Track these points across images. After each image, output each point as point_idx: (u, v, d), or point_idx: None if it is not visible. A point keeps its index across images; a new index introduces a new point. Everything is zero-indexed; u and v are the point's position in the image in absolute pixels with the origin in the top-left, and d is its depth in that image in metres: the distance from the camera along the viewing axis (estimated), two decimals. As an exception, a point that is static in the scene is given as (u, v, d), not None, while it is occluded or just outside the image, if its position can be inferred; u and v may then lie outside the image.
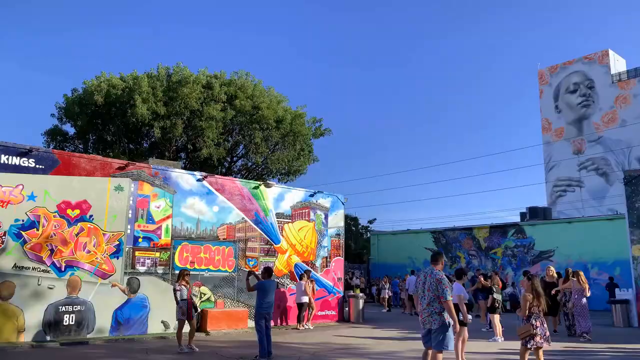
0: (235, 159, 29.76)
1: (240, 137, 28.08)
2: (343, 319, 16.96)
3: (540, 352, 7.68)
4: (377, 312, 21.56)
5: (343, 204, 18.24)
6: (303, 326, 14.66)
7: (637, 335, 13.66)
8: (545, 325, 7.78)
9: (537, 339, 7.59)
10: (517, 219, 33.16)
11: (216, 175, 15.76)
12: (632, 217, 16.59)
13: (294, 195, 16.75)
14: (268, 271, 9.93)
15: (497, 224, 28.44)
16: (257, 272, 11.23)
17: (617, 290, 17.10)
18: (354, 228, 47.55)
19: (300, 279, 15.18)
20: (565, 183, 65.92)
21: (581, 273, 13.58)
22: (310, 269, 16.10)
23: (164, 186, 13.68)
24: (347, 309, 17.28)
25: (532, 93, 74.71)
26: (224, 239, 14.61)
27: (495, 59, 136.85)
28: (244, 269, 14.73)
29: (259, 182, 16.25)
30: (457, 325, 6.99)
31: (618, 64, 66.84)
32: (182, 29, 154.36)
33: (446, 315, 6.79)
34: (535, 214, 32.25)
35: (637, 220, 16.42)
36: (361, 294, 17.72)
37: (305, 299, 14.73)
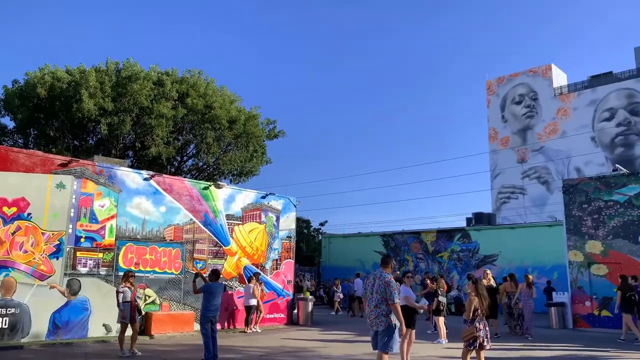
0: (185, 158, 29.16)
1: (191, 137, 27.55)
2: (292, 321, 16.90)
3: (482, 354, 7.92)
4: (327, 314, 21.64)
5: (295, 206, 18.21)
6: (251, 329, 14.51)
7: (571, 336, 14.34)
8: (487, 328, 8.03)
9: (480, 340, 7.81)
10: (464, 224, 34.21)
11: (164, 175, 15.36)
12: (569, 224, 17.44)
13: (245, 196, 16.57)
14: (216, 273, 9.76)
15: (444, 228, 29.18)
16: (204, 274, 11.01)
17: (554, 293, 17.88)
18: (305, 231, 47.60)
19: (249, 281, 15.02)
20: (510, 190, 68.57)
21: (530, 277, 14.65)
22: (259, 271, 15.95)
23: (109, 185, 13.21)
24: (296, 311, 17.23)
25: (481, 102, 77.29)
26: (171, 240, 14.26)
27: (447, 68, 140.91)
28: (191, 271, 14.43)
29: (209, 183, 15.96)
30: (404, 327, 7.08)
31: (560, 78, 70.26)
32: (135, 24, 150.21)
33: (393, 317, 6.87)
34: (480, 219, 33.35)
35: (574, 227, 17.27)
36: (310, 297, 17.72)
37: (253, 302, 14.58)
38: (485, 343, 7.85)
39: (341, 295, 22.35)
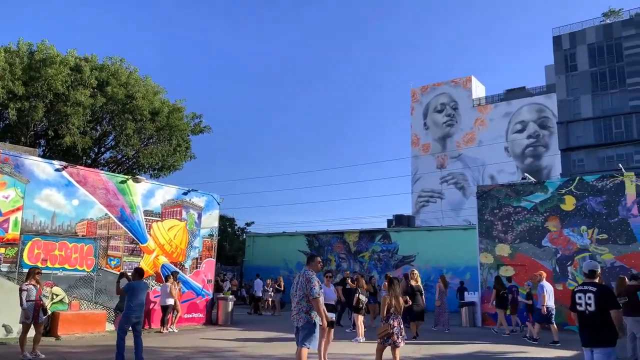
0: (103, 150, 27.74)
1: (110, 127, 26.25)
2: (211, 321, 16.54)
3: (397, 352, 8.16)
4: (248, 314, 21.40)
5: (219, 204, 17.83)
6: (167, 329, 14.02)
7: (480, 333, 15.16)
8: (402, 326, 8.32)
9: (394, 338, 8.06)
10: (386, 225, 35.25)
11: (78, 166, 14.47)
12: (482, 227, 18.45)
13: (166, 192, 15.99)
14: (139, 272, 9.30)
15: (366, 229, 29.87)
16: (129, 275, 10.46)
17: (466, 293, 18.84)
18: (230, 229, 46.85)
19: (166, 280, 14.49)
20: (429, 194, 71.54)
21: (445, 277, 15.76)
22: (178, 270, 15.45)
23: (15, 174, 12.23)
24: (215, 311, 16.89)
25: (405, 109, 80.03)
26: (83, 235, 13.45)
27: (376, 74, 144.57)
28: (105, 268, 13.71)
29: (126, 177, 15.22)
30: (325, 322, 7.19)
31: (479, 89, 74.30)
32: (56, 5, 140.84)
33: (313, 314, 6.96)
34: (400, 221, 34.51)
35: (486, 230, 18.30)
36: (231, 296, 17.44)
37: (170, 302, 14.09)
38: (398, 340, 8.11)
39: (271, 295, 22.19)
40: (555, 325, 12.84)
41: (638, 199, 15.80)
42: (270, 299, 22.35)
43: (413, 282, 13.64)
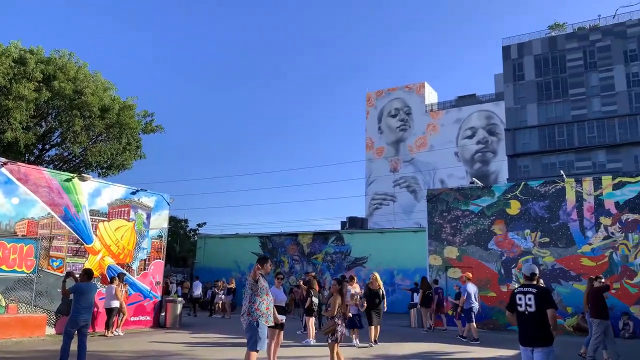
0: (48, 147, 26.56)
1: (56, 124, 25.15)
2: (159, 324, 16.13)
3: (337, 347, 8.41)
4: (198, 317, 21.01)
5: (169, 204, 17.43)
6: (112, 333, 13.56)
7: (428, 334, 15.50)
8: (344, 324, 8.68)
9: (338, 335, 8.37)
10: (339, 227, 35.49)
11: (19, 163, 13.79)
12: (431, 230, 18.88)
13: (113, 191, 15.48)
14: (88, 273, 8.97)
15: (320, 231, 29.98)
16: (76, 275, 10.06)
17: (415, 294, 19.18)
18: (181, 231, 45.92)
19: (112, 282, 14.00)
20: (382, 197, 72.62)
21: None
22: (124, 271, 14.99)
23: (-52, 170, 11.53)
24: (163, 314, 16.49)
25: (361, 113, 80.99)
26: (23, 235, 12.83)
27: (333, 78, 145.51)
28: (46, 270, 13.13)
29: (71, 175, 14.63)
30: (277, 320, 7.51)
31: (431, 95, 76.10)
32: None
33: (254, 314, 7.02)
34: (354, 223, 34.84)
35: (435, 233, 18.73)
36: (180, 299, 17.07)
37: (115, 304, 13.63)
38: (341, 337, 8.42)
39: (222, 297, 21.87)
40: (474, 324, 13.64)
41: (577, 204, 16.60)
42: (221, 302, 22.02)
43: (372, 286, 13.03)
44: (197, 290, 23.03)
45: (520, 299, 6.17)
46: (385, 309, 13.26)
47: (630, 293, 15.22)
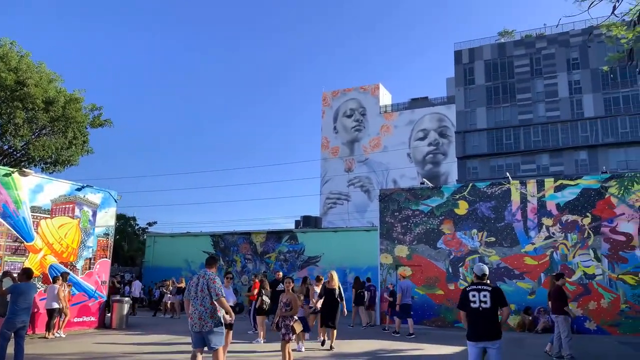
0: (-14, 139, 25.17)
1: (-5, 115, 23.87)
2: (104, 325, 15.62)
3: (288, 346, 8.63)
4: (145, 317, 20.49)
5: (116, 201, 16.89)
6: (53, 334, 13.02)
7: (377, 332, 15.72)
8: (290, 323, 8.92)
9: (283, 331, 8.64)
10: (294, 226, 35.50)
11: (-46, 156, 13.02)
12: (383, 229, 19.17)
13: (57, 187, 14.85)
14: (27, 273, 8.58)
15: (273, 229, 29.82)
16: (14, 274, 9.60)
17: (366, 293, 19.39)
18: (130, 229, 44.64)
19: (54, 282, 13.43)
20: (336, 196, 73.13)
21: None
22: (68, 271, 14.41)
23: None
24: (109, 314, 15.98)
25: (318, 112, 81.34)
26: (-44, 233, 12.11)
27: (289, 78, 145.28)
28: (-19, 269, 12.45)
29: (11, 169, 13.92)
30: (233, 318, 7.48)
31: (385, 97, 77.26)
32: None
33: (217, 314, 7.01)
34: (308, 222, 34.95)
35: (387, 232, 19.03)
36: (127, 298, 16.59)
37: (56, 305, 13.08)
38: (286, 336, 8.64)
39: (171, 297, 21.41)
40: (412, 319, 14.62)
41: (522, 205, 17.27)
42: (169, 301, 21.56)
43: (329, 285, 12.31)
44: (137, 290, 22.95)
45: (474, 295, 6.39)
46: (346, 312, 12.92)
47: (569, 290, 15.97)
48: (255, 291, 15.16)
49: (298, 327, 8.69)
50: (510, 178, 18.06)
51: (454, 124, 57.67)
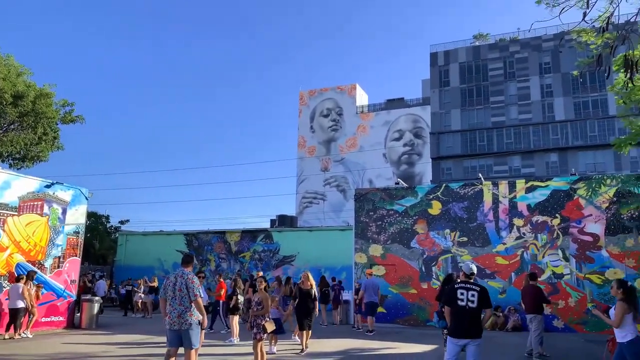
0: (-49, 134, 24.40)
1: (-39, 109, 23.16)
2: (73, 325, 15.29)
3: (261, 345, 8.68)
4: (116, 317, 20.14)
5: (87, 198, 16.54)
6: (20, 335, 12.68)
7: (351, 330, 15.78)
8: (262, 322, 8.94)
9: (254, 330, 8.66)
10: (269, 225, 35.39)
11: None
12: (358, 228, 19.25)
13: (25, 184, 14.45)
14: None
15: (248, 229, 29.67)
16: None
17: (343, 292, 19.49)
18: (101, 227, 43.81)
19: (18, 280, 13.04)
20: (312, 196, 73.18)
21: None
22: (36, 269, 14.04)
23: None
24: (79, 314, 15.65)
25: (294, 111, 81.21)
26: None
27: (267, 75, 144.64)
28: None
29: (-23, 165, 13.53)
30: (205, 321, 7.35)
31: (362, 97, 77.66)
32: None
33: (196, 314, 7.02)
34: (283, 221, 34.90)
35: (361, 231, 19.12)
36: (97, 298, 16.27)
37: (21, 304, 12.72)
38: (258, 335, 8.68)
39: (142, 296, 21.08)
40: (373, 317, 14.99)
41: (493, 205, 17.57)
42: (141, 300, 21.25)
43: (303, 285, 11.71)
44: (101, 290, 22.69)
45: (462, 294, 6.49)
46: (317, 313, 12.38)
47: (538, 289, 16.33)
48: (222, 291, 15.08)
49: (269, 327, 8.67)
50: (482, 179, 18.35)
51: (429, 125, 58.34)
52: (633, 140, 14.33)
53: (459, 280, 7.00)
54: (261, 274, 15.48)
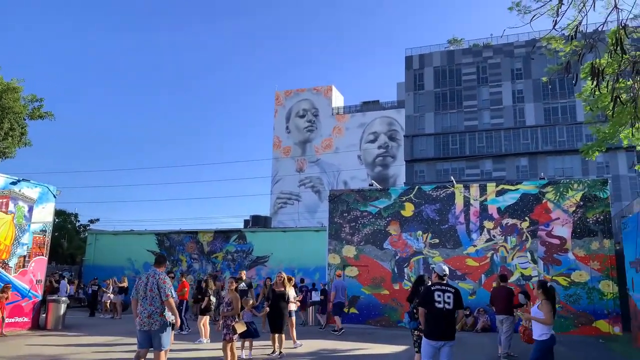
0: None
1: None
2: (38, 326, 14.89)
3: (234, 347, 8.69)
4: (84, 318, 19.70)
5: (55, 196, 16.14)
6: (-18, 337, 12.29)
7: (323, 332, 15.79)
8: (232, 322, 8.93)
9: (229, 332, 8.65)
10: (242, 225, 35.16)
11: None
12: (332, 229, 19.31)
13: (-10, 180, 14.03)
14: None
15: (221, 229, 29.37)
16: None
17: (313, 293, 19.48)
18: (70, 225, 42.78)
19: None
20: (287, 196, 73.02)
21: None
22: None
23: None
24: (44, 315, 15.25)
25: (270, 111, 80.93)
26: None
27: (244, 75, 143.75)
28: None
29: (-61, 160, 13.06)
30: (178, 321, 7.23)
31: (338, 99, 77.92)
32: None
33: (167, 314, 6.94)
34: (257, 221, 34.71)
35: (335, 232, 19.18)
36: (64, 298, 15.89)
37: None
38: (227, 336, 8.66)
39: (111, 296, 20.66)
40: (340, 317, 15.31)
41: (465, 208, 17.84)
42: (109, 301, 20.85)
43: (277, 288, 11.18)
44: (63, 291, 21.95)
45: (439, 296, 6.60)
46: (292, 316, 12.02)
47: (507, 291, 16.64)
48: (185, 290, 14.89)
49: (239, 327, 8.61)
50: (454, 182, 18.61)
51: (403, 128, 58.90)
52: (599, 146, 14.74)
53: (433, 282, 7.06)
54: (244, 273, 15.24)
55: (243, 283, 12.81)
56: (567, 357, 11.39)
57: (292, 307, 12.34)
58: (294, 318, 12.53)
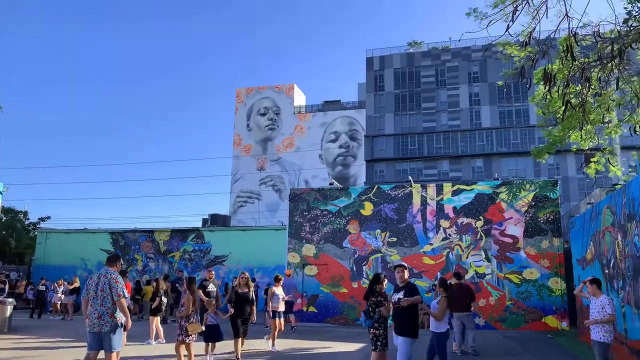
0: None
1: None
2: (-18, 329, 14.21)
3: (192, 348, 8.56)
4: (32, 319, 18.93)
5: (1, 193, 15.48)
6: None
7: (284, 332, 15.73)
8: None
9: (193, 336, 8.53)
10: (201, 224, 34.59)
11: None
12: (292, 228, 19.30)
13: None
14: None
15: (178, 228, 28.85)
16: None
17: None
18: (18, 223, 41.05)
19: None
20: (247, 195, 72.44)
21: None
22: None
23: None
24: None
25: (231, 108, 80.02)
26: None
27: (204, 73, 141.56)
28: None
29: None
30: (130, 322, 7.04)
31: (300, 98, 77.88)
32: None
33: (118, 315, 6.76)
34: (216, 220, 34.25)
35: (295, 231, 19.17)
36: (10, 299, 15.23)
37: None
38: (187, 339, 8.55)
39: (61, 297, 19.94)
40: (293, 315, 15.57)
41: (422, 207, 18.18)
42: (59, 302, 20.13)
43: (240, 289, 10.36)
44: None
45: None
46: (254, 320, 11.01)
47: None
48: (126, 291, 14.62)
49: (191, 328, 8.46)
50: (412, 181, 18.94)
51: (364, 128, 59.44)
52: (550, 149, 15.31)
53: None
54: (213, 273, 14.68)
55: (211, 284, 12.24)
56: (517, 352, 11.78)
57: (281, 307, 12.08)
58: (282, 320, 12.18)
